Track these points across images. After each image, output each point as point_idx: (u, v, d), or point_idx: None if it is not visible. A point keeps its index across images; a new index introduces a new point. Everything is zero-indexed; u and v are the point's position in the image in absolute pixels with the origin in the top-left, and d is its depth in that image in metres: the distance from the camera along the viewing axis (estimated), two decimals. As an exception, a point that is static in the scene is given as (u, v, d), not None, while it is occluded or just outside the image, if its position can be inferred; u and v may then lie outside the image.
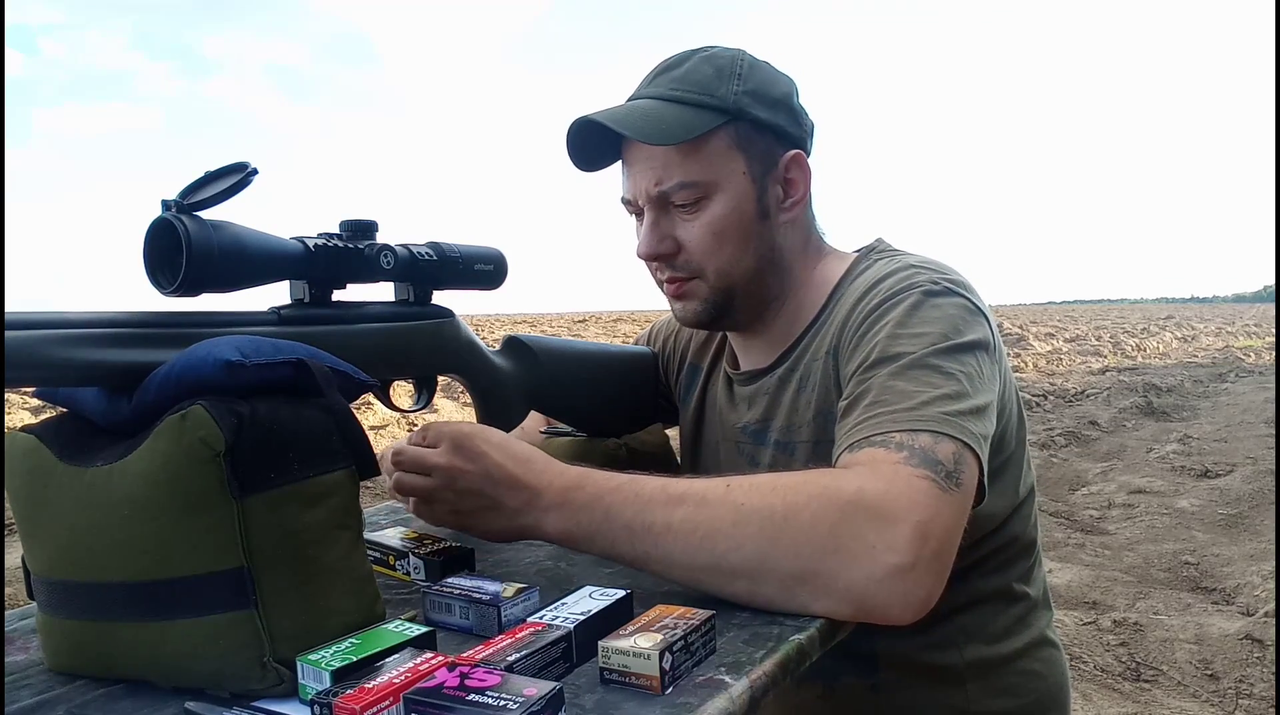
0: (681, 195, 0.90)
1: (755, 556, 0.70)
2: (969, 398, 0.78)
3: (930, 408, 0.76)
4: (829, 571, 0.69)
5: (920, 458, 0.72)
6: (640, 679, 0.58)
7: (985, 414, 0.79)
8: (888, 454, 0.73)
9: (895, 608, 0.69)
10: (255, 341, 0.63)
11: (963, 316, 0.84)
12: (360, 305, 0.81)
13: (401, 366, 0.85)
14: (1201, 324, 32.55)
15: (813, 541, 0.69)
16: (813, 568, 0.69)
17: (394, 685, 0.52)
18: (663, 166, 0.89)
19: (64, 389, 0.66)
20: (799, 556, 0.69)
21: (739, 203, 0.91)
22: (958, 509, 0.72)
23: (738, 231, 0.91)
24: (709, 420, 1.08)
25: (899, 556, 0.68)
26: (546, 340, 1.01)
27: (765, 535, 0.70)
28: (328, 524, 0.62)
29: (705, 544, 0.71)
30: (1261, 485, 4.50)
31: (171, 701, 0.59)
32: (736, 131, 0.90)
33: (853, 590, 0.69)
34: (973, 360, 0.81)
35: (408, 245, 0.82)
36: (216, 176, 0.65)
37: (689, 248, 0.91)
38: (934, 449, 0.73)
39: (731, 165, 0.90)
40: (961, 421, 0.75)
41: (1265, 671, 2.56)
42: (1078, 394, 8.89)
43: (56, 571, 0.62)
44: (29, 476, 0.62)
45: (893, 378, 0.79)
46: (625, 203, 0.96)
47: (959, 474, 0.72)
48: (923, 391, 0.77)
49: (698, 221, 0.90)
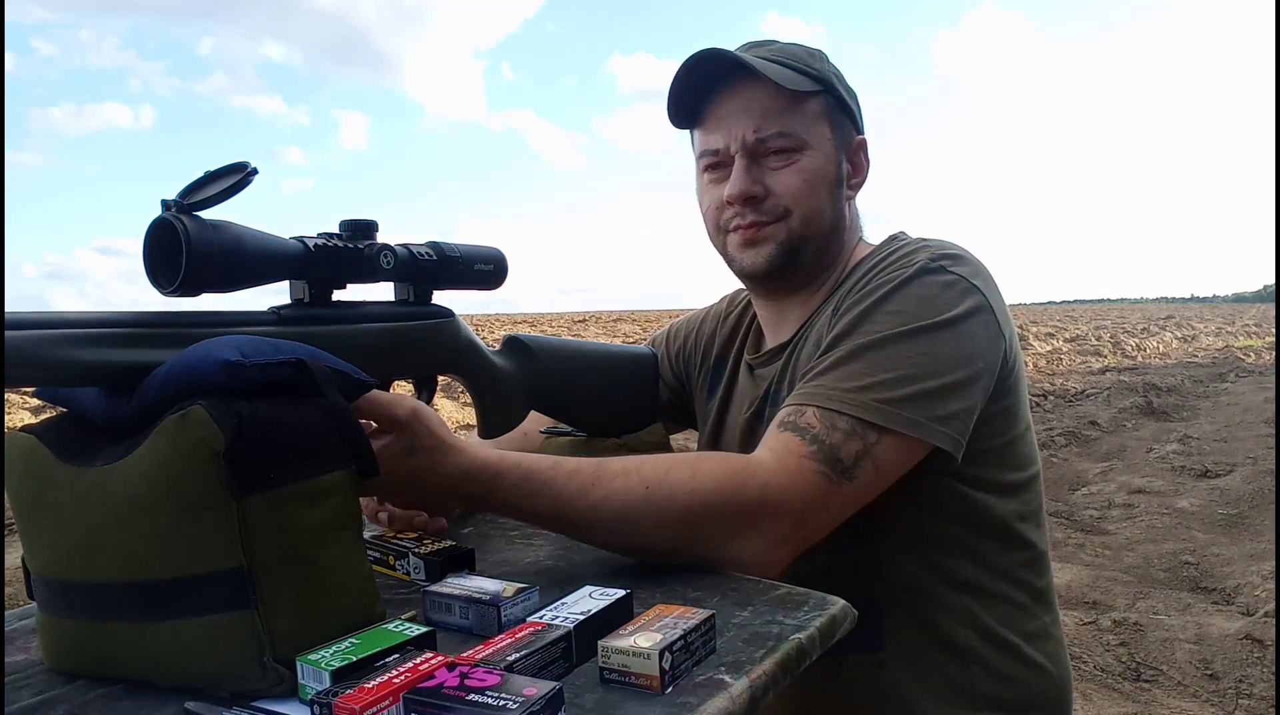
0: (778, 143, 0.96)
1: (670, 548, 0.82)
2: (918, 382, 0.84)
3: (864, 394, 0.83)
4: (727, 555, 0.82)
5: (825, 455, 0.82)
6: (640, 679, 0.58)
7: (948, 392, 0.85)
8: (790, 439, 0.84)
9: (770, 571, 0.82)
10: (255, 341, 0.63)
11: (947, 294, 0.88)
12: (360, 305, 0.81)
13: (401, 366, 0.85)
14: (1201, 324, 32.54)
15: (715, 533, 0.81)
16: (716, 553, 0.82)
17: (394, 685, 0.52)
18: (763, 115, 0.96)
19: (64, 389, 0.65)
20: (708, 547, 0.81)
21: (825, 163, 0.98)
22: (843, 500, 0.83)
23: (825, 186, 0.98)
24: (734, 404, 1.11)
25: (774, 541, 0.82)
26: (547, 340, 1.01)
27: (677, 530, 0.81)
28: (328, 524, 0.62)
29: (615, 531, 0.82)
30: (1261, 485, 4.50)
31: (171, 701, 0.59)
32: (827, 102, 0.99)
33: (743, 563, 0.82)
34: (946, 339, 0.86)
35: (408, 245, 0.82)
36: (216, 176, 0.65)
37: (779, 191, 0.97)
38: (841, 446, 0.82)
39: (821, 129, 0.98)
40: (891, 408, 0.83)
41: (1265, 671, 2.56)
42: (1078, 394, 8.89)
43: (56, 571, 0.62)
44: (29, 476, 0.62)
45: (849, 356, 0.86)
46: (709, 154, 1.00)
47: (855, 469, 0.82)
48: (867, 375, 0.84)
49: (790, 169, 0.97)
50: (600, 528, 0.82)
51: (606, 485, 0.81)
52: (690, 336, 1.21)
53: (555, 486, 0.81)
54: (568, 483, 0.81)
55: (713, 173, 1.01)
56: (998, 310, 0.91)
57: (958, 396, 0.85)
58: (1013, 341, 0.93)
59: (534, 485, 0.81)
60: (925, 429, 0.83)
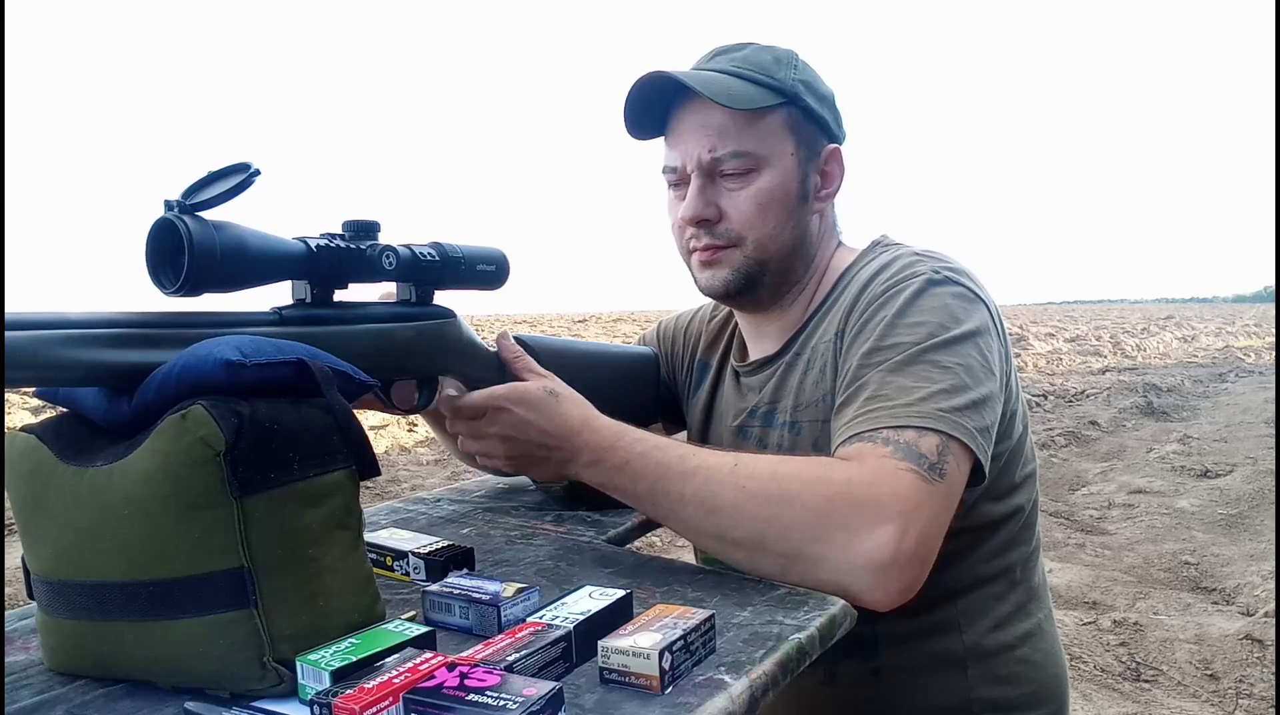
0: (733, 164, 0.93)
1: (753, 533, 0.77)
2: (966, 392, 0.81)
3: (924, 404, 0.79)
4: (816, 555, 0.75)
5: (905, 452, 0.77)
6: (640, 678, 0.58)
7: (984, 405, 0.82)
8: (875, 448, 0.78)
9: (875, 594, 0.74)
10: (256, 341, 0.63)
11: (961, 305, 0.87)
12: (362, 305, 0.81)
13: (403, 367, 0.85)
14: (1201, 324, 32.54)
15: (802, 526, 0.75)
16: (801, 550, 0.75)
17: (394, 685, 0.52)
18: (718, 134, 0.93)
19: (64, 389, 0.65)
20: (789, 539, 0.76)
21: (785, 180, 0.95)
22: (941, 499, 0.77)
23: (781, 207, 0.95)
24: (717, 414, 1.10)
25: (878, 546, 0.73)
26: (547, 340, 1.02)
27: (762, 516, 0.77)
28: (328, 524, 0.62)
29: (711, 517, 0.79)
30: (1261, 485, 4.50)
31: (171, 701, 0.59)
32: (790, 115, 0.95)
33: (838, 574, 0.74)
34: (972, 351, 0.84)
35: (410, 245, 0.82)
36: (219, 177, 0.65)
37: (731, 216, 0.95)
38: (918, 443, 0.77)
39: (782, 145, 0.95)
40: (954, 417, 0.79)
41: (1265, 671, 2.56)
42: (1078, 394, 8.89)
43: (56, 571, 0.62)
44: (29, 476, 0.62)
45: (891, 373, 0.83)
46: (668, 172, 0.99)
47: (942, 465, 0.77)
48: (919, 387, 0.81)
49: (744, 192, 0.94)
50: (689, 501, 0.80)
51: (700, 457, 0.82)
52: (678, 335, 1.20)
53: (663, 448, 0.83)
54: (670, 448, 0.83)
55: (675, 190, 0.99)
56: (997, 319, 0.90)
57: (990, 410, 0.83)
58: (1008, 346, 0.93)
59: (647, 445, 0.84)
60: (976, 441, 0.80)
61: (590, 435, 0.86)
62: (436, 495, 1.18)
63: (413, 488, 4.80)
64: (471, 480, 1.26)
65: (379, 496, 4.44)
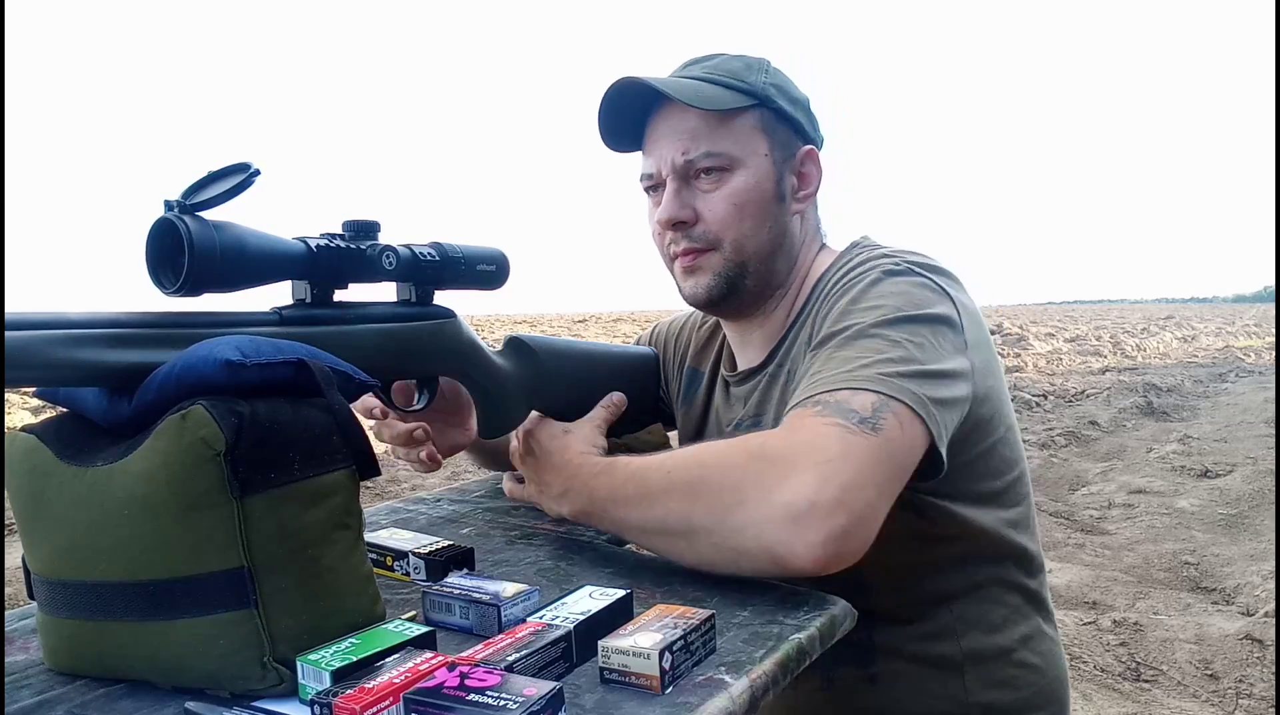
0: (707, 163, 0.94)
1: (682, 516, 0.77)
2: (915, 362, 0.79)
3: (865, 370, 0.78)
4: (739, 523, 0.73)
5: (833, 409, 0.75)
6: (640, 678, 0.58)
7: (938, 378, 0.80)
8: (803, 411, 0.77)
9: (795, 547, 0.70)
10: (256, 341, 0.63)
11: (921, 293, 0.86)
12: (362, 305, 0.81)
13: (403, 367, 0.85)
14: (1201, 324, 32.54)
15: (722, 494, 0.74)
16: (726, 520, 0.74)
17: (394, 685, 0.53)
18: (691, 137, 0.94)
19: (64, 389, 0.66)
20: (714, 511, 0.75)
21: (759, 180, 0.95)
22: (873, 452, 0.72)
23: (756, 206, 0.95)
24: (710, 424, 1.09)
25: (793, 495, 0.70)
26: (548, 340, 1.01)
27: (688, 497, 0.77)
28: (328, 524, 0.62)
29: (645, 510, 0.80)
30: (1261, 485, 4.50)
31: (171, 701, 0.59)
32: (762, 116, 0.96)
33: (760, 537, 0.71)
34: (926, 331, 0.82)
35: (410, 245, 0.82)
36: (219, 177, 0.65)
37: (707, 218, 0.95)
38: (849, 401, 0.75)
39: (755, 145, 0.95)
40: (897, 381, 0.77)
41: (1265, 671, 2.56)
42: (1078, 394, 8.89)
43: (57, 571, 0.62)
44: (29, 476, 0.62)
45: (837, 349, 0.82)
46: (645, 179, 0.99)
47: (877, 420, 0.74)
48: (863, 357, 0.80)
49: (719, 192, 0.95)
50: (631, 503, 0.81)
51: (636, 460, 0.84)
52: (670, 341, 1.20)
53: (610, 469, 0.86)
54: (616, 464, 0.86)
55: (653, 196, 1.00)
56: (968, 322, 0.87)
57: (946, 385, 0.80)
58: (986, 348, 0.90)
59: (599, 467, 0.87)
60: (926, 409, 0.77)
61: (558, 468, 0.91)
62: (436, 495, 1.18)
63: (413, 488, 4.80)
64: (472, 480, 1.26)
65: (379, 496, 4.44)
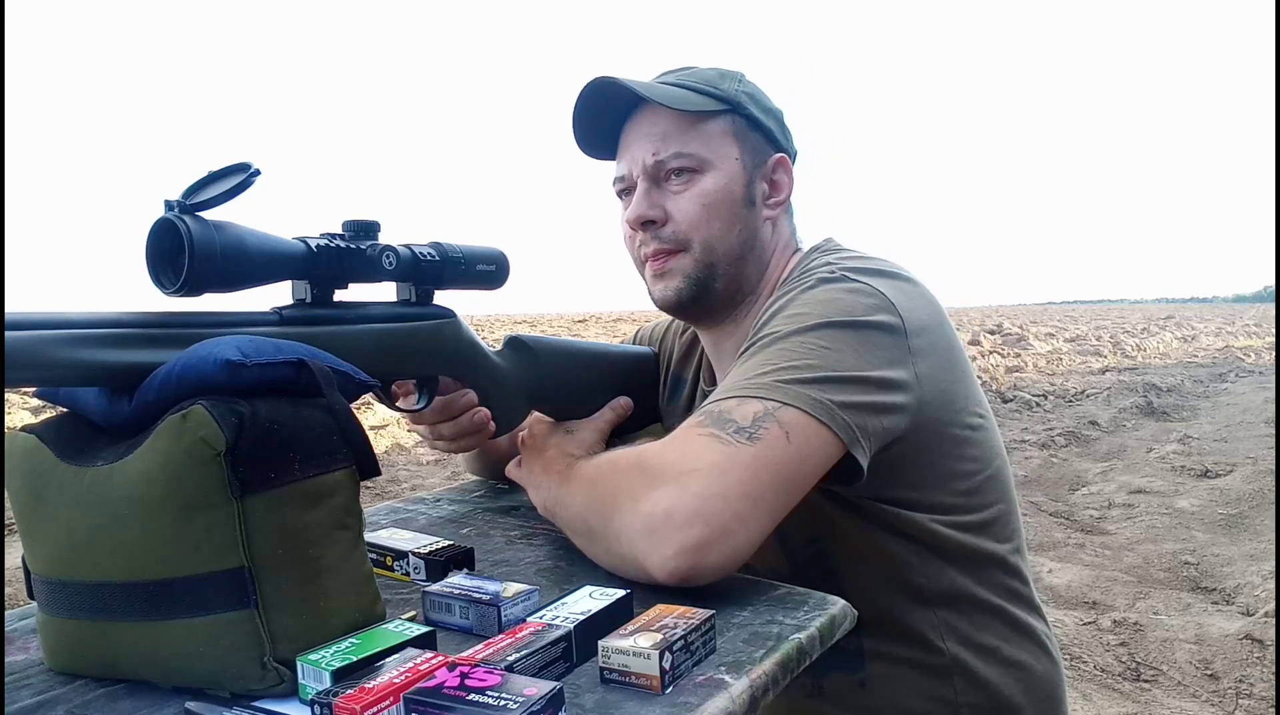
0: (677, 164, 0.95)
1: (582, 518, 0.82)
2: (821, 369, 0.78)
3: (760, 378, 0.78)
4: (615, 530, 0.76)
5: (712, 419, 0.76)
6: (640, 678, 0.58)
7: (856, 385, 0.79)
8: (689, 422, 0.79)
9: (651, 558, 0.72)
10: (256, 341, 0.63)
11: (852, 299, 0.84)
12: (362, 305, 0.81)
13: (403, 367, 0.85)
14: (1201, 324, 32.53)
15: (605, 503, 0.78)
16: (608, 527, 0.77)
17: (394, 685, 0.53)
18: (662, 138, 0.96)
19: (64, 389, 0.66)
20: (601, 516, 0.79)
21: (729, 183, 0.96)
22: (746, 461, 0.73)
23: (726, 208, 0.96)
24: None
25: (652, 507, 0.72)
26: (548, 340, 1.02)
27: (588, 501, 0.81)
28: (328, 524, 0.62)
29: (565, 510, 0.86)
30: (1261, 485, 4.50)
31: (171, 701, 0.59)
32: (734, 122, 0.97)
33: (631, 546, 0.74)
34: (850, 337, 0.81)
35: (410, 245, 0.83)
36: (219, 177, 0.65)
37: (677, 218, 0.96)
38: (731, 411, 0.76)
39: (726, 149, 0.97)
40: (791, 387, 0.77)
41: (1265, 671, 2.56)
42: (1078, 394, 8.89)
43: (57, 571, 0.62)
44: (29, 476, 0.62)
45: (748, 358, 0.83)
46: (618, 181, 1.00)
47: (755, 429, 0.74)
48: (765, 365, 0.80)
49: (688, 193, 0.96)
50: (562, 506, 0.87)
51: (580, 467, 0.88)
52: (657, 345, 1.20)
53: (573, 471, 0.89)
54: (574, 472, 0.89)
55: (625, 199, 1.01)
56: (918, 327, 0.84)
57: (870, 392, 0.79)
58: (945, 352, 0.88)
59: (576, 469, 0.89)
60: (828, 411, 0.75)
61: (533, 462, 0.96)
62: (436, 495, 1.18)
63: (413, 488, 4.80)
64: (471, 480, 1.26)
65: (379, 496, 4.44)
